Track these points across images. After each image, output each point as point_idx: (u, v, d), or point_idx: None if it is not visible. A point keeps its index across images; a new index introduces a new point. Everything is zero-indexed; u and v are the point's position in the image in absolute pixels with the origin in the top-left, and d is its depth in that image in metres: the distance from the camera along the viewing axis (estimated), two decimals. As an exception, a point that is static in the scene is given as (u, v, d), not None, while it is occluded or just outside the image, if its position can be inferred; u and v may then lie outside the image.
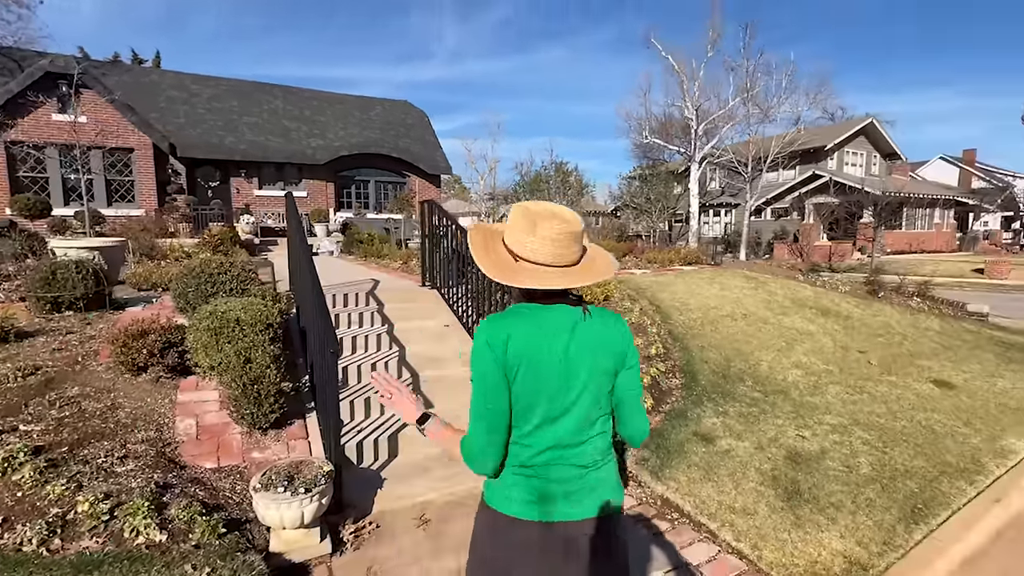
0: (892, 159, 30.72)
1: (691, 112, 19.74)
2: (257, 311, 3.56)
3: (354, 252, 11.91)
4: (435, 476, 3.36)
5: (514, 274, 1.20)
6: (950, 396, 4.95)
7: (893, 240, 26.38)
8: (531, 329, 1.21)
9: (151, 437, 3.03)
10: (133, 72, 16.37)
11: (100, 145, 12.12)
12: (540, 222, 1.18)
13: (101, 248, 5.31)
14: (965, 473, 3.58)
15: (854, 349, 6.06)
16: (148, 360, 3.41)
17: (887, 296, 8.74)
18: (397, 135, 18.62)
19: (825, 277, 9.82)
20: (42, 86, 12.05)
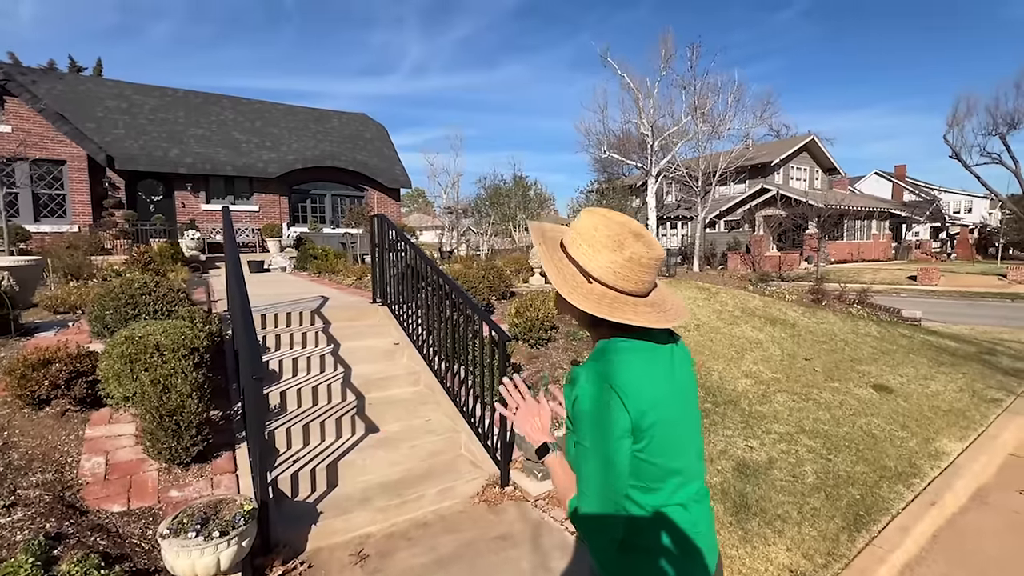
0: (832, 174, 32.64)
1: (646, 128, 20.34)
2: (180, 335, 3.29)
3: (307, 268, 11.50)
4: (376, 506, 3.17)
5: (618, 308, 1.01)
6: (888, 400, 5.14)
7: (836, 250, 27.91)
8: (655, 371, 1.03)
9: (48, 480, 2.71)
10: (67, 80, 15.41)
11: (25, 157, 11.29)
12: (629, 241, 1.02)
13: (12, 268, 4.84)
14: (903, 477, 3.68)
15: (800, 356, 6.24)
16: (51, 392, 3.08)
17: (830, 304, 9.13)
18: (355, 148, 18.28)
19: (774, 287, 10.19)
20: (-41, 93, 11.14)
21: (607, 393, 0.97)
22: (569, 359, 5.14)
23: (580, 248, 1.05)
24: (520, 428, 1.26)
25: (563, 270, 1.07)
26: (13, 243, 10.32)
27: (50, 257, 6.96)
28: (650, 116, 20.48)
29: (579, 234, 1.07)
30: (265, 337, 4.67)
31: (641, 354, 1.03)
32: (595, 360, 1.03)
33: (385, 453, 3.65)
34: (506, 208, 17.54)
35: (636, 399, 0.97)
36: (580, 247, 1.05)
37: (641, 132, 20.90)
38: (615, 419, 0.97)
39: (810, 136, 30.26)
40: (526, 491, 3.46)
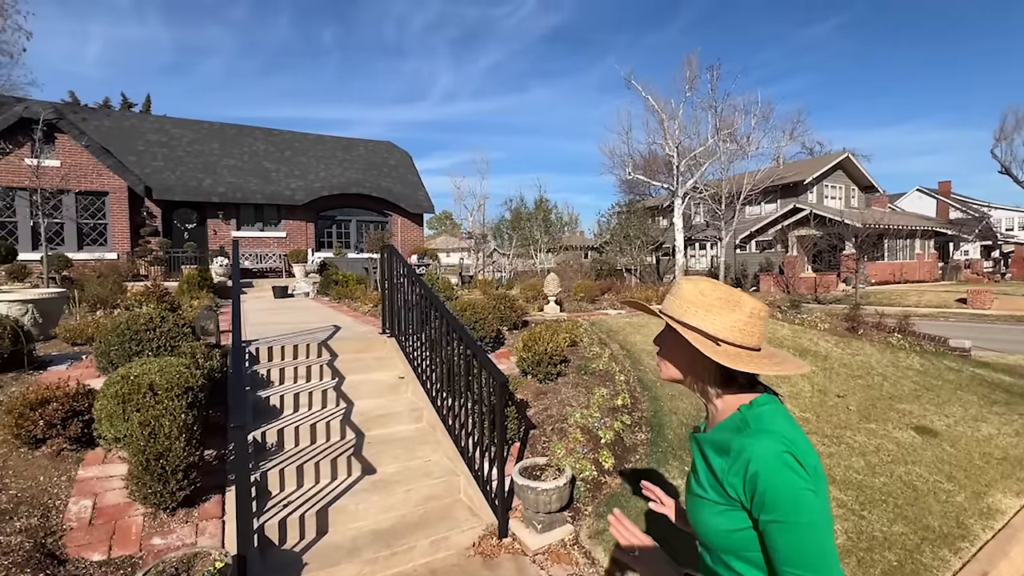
0: (870, 192, 31.42)
1: (672, 149, 20.15)
2: (175, 374, 3.26)
3: (329, 294, 11.66)
4: (364, 558, 3.01)
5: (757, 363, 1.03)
6: (932, 445, 4.69)
7: (877, 271, 26.61)
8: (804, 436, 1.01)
9: (32, 525, 2.68)
10: (114, 116, 16.44)
11: (72, 189, 11.99)
12: (745, 298, 1.05)
13: (36, 301, 5.02)
14: (949, 539, 3.28)
15: (832, 393, 5.81)
16: (47, 432, 3.09)
17: (867, 333, 8.57)
18: (379, 175, 18.72)
19: (806, 312, 9.67)
20: (17, 131, 12.00)
21: (797, 470, 0.93)
22: (580, 395, 4.91)
23: (697, 314, 1.06)
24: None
25: (700, 341, 1.04)
26: (57, 271, 10.88)
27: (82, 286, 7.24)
28: (675, 137, 20.31)
29: (689, 303, 1.07)
30: (270, 371, 4.65)
31: (788, 417, 1.02)
32: (759, 426, 0.98)
33: (380, 498, 3.50)
34: (527, 231, 17.50)
35: (811, 462, 0.95)
36: (697, 313, 1.06)
37: (667, 153, 20.73)
38: (816, 492, 0.94)
39: (845, 153, 29.35)
40: (525, 544, 3.24)
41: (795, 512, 0.91)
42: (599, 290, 10.57)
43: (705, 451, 1.06)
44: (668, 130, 20.16)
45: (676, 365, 1.13)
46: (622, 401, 4.84)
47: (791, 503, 0.92)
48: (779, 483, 0.92)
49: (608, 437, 4.20)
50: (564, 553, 3.16)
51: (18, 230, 12.62)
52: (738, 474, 0.96)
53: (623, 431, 4.36)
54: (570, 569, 3.02)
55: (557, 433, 4.29)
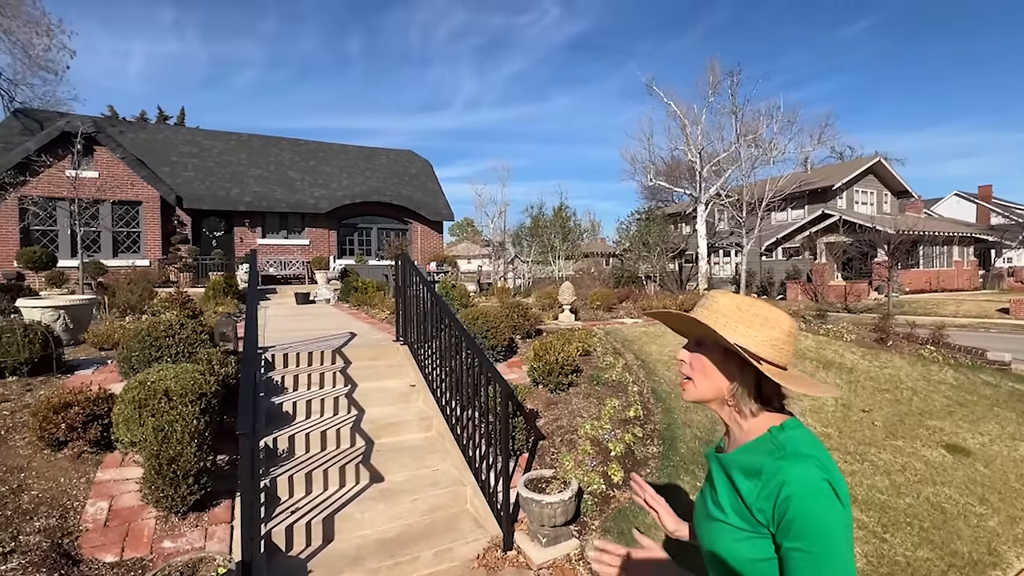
0: (904, 197, 30.34)
1: (694, 155, 19.89)
2: (190, 380, 3.36)
3: (349, 300, 11.85)
4: (367, 567, 3.02)
5: (796, 382, 0.99)
6: (964, 464, 4.45)
7: (911, 279, 25.59)
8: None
9: (51, 525, 2.78)
10: (149, 129, 17.18)
11: (108, 199, 12.53)
12: (780, 316, 1.02)
13: (68, 307, 5.24)
14: (979, 567, 3.10)
15: (857, 408, 5.59)
16: (68, 434, 3.21)
17: (897, 344, 8.23)
18: (400, 183, 19.01)
19: (832, 322, 9.35)
20: (58, 145, 12.63)
21: (829, 494, 0.88)
22: (591, 406, 4.84)
23: (737, 330, 1.01)
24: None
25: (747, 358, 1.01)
26: (92, 277, 11.36)
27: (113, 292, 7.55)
28: (698, 143, 20.04)
29: (728, 317, 1.03)
30: (284, 377, 4.74)
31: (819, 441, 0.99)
32: (795, 449, 0.93)
33: (386, 506, 3.51)
34: (545, 239, 17.49)
35: (845, 492, 0.91)
36: (737, 329, 1.01)
37: (689, 159, 20.47)
38: (846, 520, 0.89)
39: (876, 158, 28.45)
40: (529, 558, 3.19)
41: (823, 543, 0.86)
42: (616, 298, 10.45)
43: (731, 473, 1.00)
44: (690, 136, 19.92)
45: (709, 383, 1.05)
46: (634, 413, 4.76)
47: (821, 533, 0.87)
48: (812, 511, 0.87)
49: (618, 450, 4.12)
50: (569, 568, 3.10)
51: (58, 238, 13.25)
52: (769, 498, 0.91)
53: (634, 443, 4.28)
54: (574, 585, 2.96)
55: (566, 444, 4.24)
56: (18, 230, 12.73)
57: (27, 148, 12.52)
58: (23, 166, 12.36)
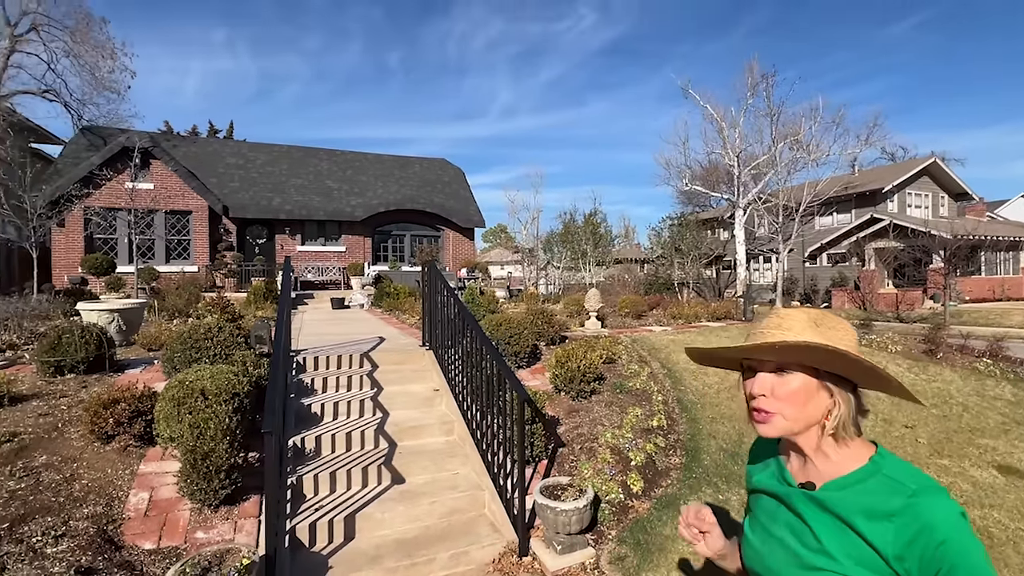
0: (963, 199, 28.51)
1: (732, 159, 19.41)
2: (225, 380, 3.56)
3: (381, 305, 12.16)
4: (385, 566, 3.10)
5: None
6: (1018, 487, 4.14)
7: (972, 287, 23.94)
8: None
9: (98, 513, 3.00)
10: (200, 143, 18.25)
11: (162, 208, 13.37)
12: (847, 324, 0.98)
13: (121, 310, 5.63)
14: (1028, 597, 2.88)
15: (899, 423, 5.30)
16: (115, 429, 3.45)
17: (948, 356, 7.73)
18: (433, 191, 19.39)
19: (873, 335, 8.88)
20: (118, 159, 13.60)
21: (968, 523, 0.81)
22: (613, 414, 4.80)
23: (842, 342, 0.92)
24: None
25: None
26: (146, 282, 12.13)
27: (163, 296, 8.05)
28: (735, 146, 19.53)
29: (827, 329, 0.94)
30: (314, 380, 4.93)
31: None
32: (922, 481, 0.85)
33: (405, 508, 3.59)
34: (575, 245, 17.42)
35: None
36: (842, 341, 0.92)
37: (727, 163, 19.97)
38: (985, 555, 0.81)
39: (932, 158, 26.89)
40: (544, 565, 3.20)
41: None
42: (647, 305, 10.29)
43: (844, 515, 0.87)
44: (728, 139, 19.45)
45: (802, 412, 0.92)
46: (657, 422, 4.68)
47: (983, 567, 0.78)
48: (972, 558, 0.78)
49: (639, 459, 4.07)
50: (583, 577, 3.09)
51: (117, 246, 14.23)
52: (913, 544, 0.80)
53: (656, 453, 4.21)
54: (588, 595, 2.95)
55: (586, 452, 4.22)
56: (83, 238, 13.77)
57: (92, 163, 13.54)
58: (87, 179, 13.37)
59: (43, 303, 7.24)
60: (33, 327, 5.92)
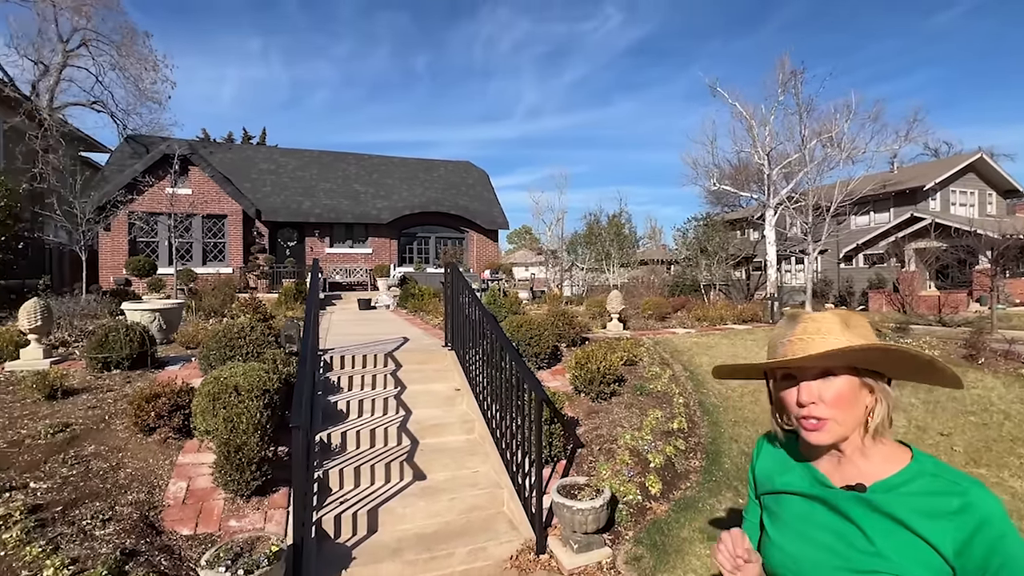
0: (1013, 196, 27.05)
1: (762, 157, 18.96)
2: (256, 377, 3.73)
3: (406, 306, 12.39)
4: (406, 559, 3.20)
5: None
6: (1062, 499, 3.95)
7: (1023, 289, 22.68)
8: None
9: (140, 499, 3.20)
10: (235, 149, 18.98)
11: (200, 213, 13.97)
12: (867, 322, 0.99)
13: (162, 310, 5.94)
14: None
15: (934, 431, 5.11)
16: (156, 422, 3.67)
17: (991, 362, 7.39)
18: (457, 194, 19.62)
19: (909, 338, 8.55)
20: (159, 166, 14.28)
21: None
22: (633, 416, 4.79)
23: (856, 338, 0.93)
24: None
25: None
26: (185, 283, 12.69)
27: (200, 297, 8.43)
28: (765, 144, 19.07)
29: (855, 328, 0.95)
30: (340, 378, 5.09)
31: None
32: (960, 476, 0.88)
33: (426, 503, 3.69)
34: (599, 247, 17.33)
35: None
36: (855, 337, 0.93)
37: (757, 162, 19.52)
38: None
39: (978, 153, 25.64)
40: (561, 563, 3.24)
41: None
42: (671, 307, 10.17)
43: (900, 516, 0.87)
44: (758, 137, 19.00)
45: (852, 415, 0.92)
46: (678, 425, 4.66)
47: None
48: (1022, 545, 0.82)
49: (658, 461, 4.07)
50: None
51: (158, 248, 14.94)
52: (970, 540, 0.82)
53: (675, 456, 4.20)
54: (604, 594, 2.98)
55: (605, 454, 4.24)
56: (127, 242, 14.51)
57: (135, 170, 14.27)
58: (131, 186, 14.10)
59: (91, 303, 7.69)
60: (83, 325, 6.31)
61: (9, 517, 2.77)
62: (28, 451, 3.42)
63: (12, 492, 3.01)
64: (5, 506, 2.85)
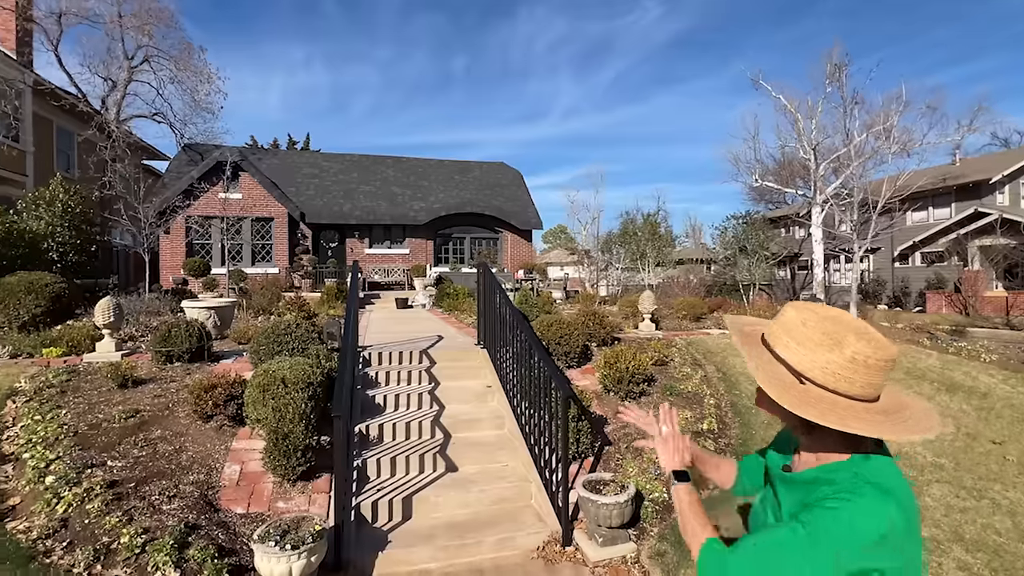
0: (1092, 190, 24.82)
1: (808, 152, 18.25)
2: (301, 371, 4.00)
3: (442, 306, 12.70)
4: (438, 545, 3.38)
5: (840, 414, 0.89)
6: (1126, 514, 3.71)
7: (1102, 289, 20.82)
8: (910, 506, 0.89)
9: (200, 480, 3.52)
10: (280, 155, 19.92)
11: (249, 216, 14.78)
12: (850, 339, 0.90)
13: (217, 308, 6.40)
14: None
15: (986, 438, 4.87)
16: (213, 410, 4.01)
17: (1056, 368, 6.91)
18: (492, 194, 19.86)
19: (964, 342, 8.09)
20: (212, 173, 15.19)
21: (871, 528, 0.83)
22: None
23: (788, 346, 0.95)
24: (661, 452, 1.27)
25: (767, 369, 0.96)
26: (236, 283, 13.47)
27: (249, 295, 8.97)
28: (812, 139, 18.35)
29: (784, 330, 0.97)
30: (378, 374, 5.35)
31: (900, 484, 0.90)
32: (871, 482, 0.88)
33: (457, 494, 3.87)
34: (634, 246, 17.13)
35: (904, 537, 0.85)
36: (788, 344, 0.95)
37: (802, 156, 18.81)
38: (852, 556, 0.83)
39: (1050, 143, 23.72)
40: (586, 555, 3.34)
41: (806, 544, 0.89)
42: (707, 308, 10.00)
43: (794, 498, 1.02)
44: (804, 131, 18.30)
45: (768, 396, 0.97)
46: (708, 426, 4.65)
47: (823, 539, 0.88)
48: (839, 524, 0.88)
49: (685, 461, 4.08)
50: (624, 569, 3.20)
51: (212, 250, 15.90)
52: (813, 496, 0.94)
53: (704, 456, 4.20)
54: (627, 586, 3.06)
55: (632, 452, 4.29)
56: (184, 244, 15.53)
57: (191, 176, 15.25)
58: (188, 191, 15.07)
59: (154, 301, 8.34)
60: (147, 321, 6.87)
61: (91, 490, 3.13)
62: (105, 433, 3.82)
63: (93, 469, 3.39)
64: (88, 480, 3.22)
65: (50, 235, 8.98)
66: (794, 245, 23.32)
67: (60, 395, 4.32)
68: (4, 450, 3.57)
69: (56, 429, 3.77)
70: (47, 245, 8.90)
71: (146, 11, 15.61)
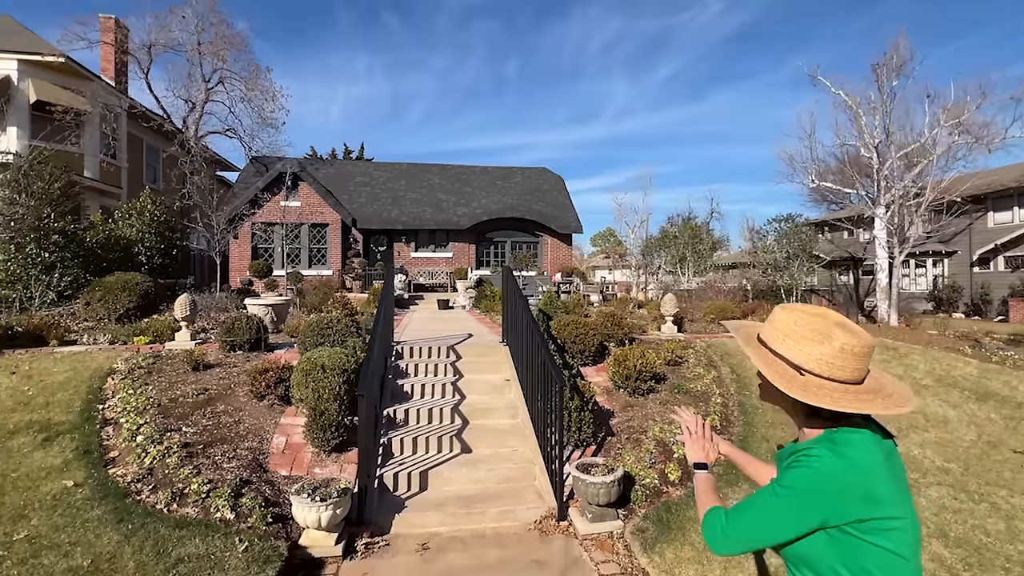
0: None
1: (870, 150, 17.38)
2: (338, 359, 4.64)
3: (480, 307, 13.29)
4: (447, 512, 3.87)
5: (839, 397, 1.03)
6: None
7: None
8: (895, 469, 1.03)
9: (253, 447, 4.20)
10: (335, 164, 21.39)
11: (306, 222, 16.04)
12: (837, 332, 1.06)
13: (273, 305, 7.26)
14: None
15: (1008, 447, 4.77)
16: (266, 391, 4.71)
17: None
18: (533, 199, 20.33)
19: (1011, 351, 7.65)
20: (275, 183, 16.63)
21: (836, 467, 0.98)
22: (667, 412, 5.08)
23: (785, 344, 1.10)
24: (688, 448, 1.41)
25: (773, 365, 1.11)
26: (294, 284, 14.71)
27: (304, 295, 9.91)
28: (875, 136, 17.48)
29: (779, 330, 1.11)
30: (408, 365, 5.94)
31: (875, 445, 1.03)
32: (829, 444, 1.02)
33: (468, 471, 4.35)
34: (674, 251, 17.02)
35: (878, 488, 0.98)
36: (784, 343, 1.10)
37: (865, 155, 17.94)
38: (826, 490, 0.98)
39: None
40: (577, 529, 3.72)
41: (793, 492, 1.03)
42: (740, 312, 9.97)
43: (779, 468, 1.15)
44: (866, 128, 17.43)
45: (770, 390, 1.13)
46: (711, 422, 4.86)
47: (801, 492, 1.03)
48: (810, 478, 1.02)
49: (682, 452, 4.35)
50: (608, 543, 3.55)
51: (273, 254, 17.38)
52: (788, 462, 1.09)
53: (700, 449, 4.44)
54: (610, 556, 3.41)
55: (632, 442, 4.61)
56: (250, 248, 17.09)
57: (257, 187, 16.79)
58: (254, 200, 16.60)
59: (223, 299, 9.45)
60: (216, 316, 7.87)
61: (170, 448, 3.87)
62: (180, 406, 4.61)
63: (171, 432, 4.15)
64: (168, 441, 3.97)
65: (140, 240, 10.36)
66: (857, 248, 22.14)
67: (147, 375, 5.20)
68: (107, 415, 4.42)
69: (144, 401, 4.59)
70: (137, 249, 10.28)
71: (221, 38, 17.34)
